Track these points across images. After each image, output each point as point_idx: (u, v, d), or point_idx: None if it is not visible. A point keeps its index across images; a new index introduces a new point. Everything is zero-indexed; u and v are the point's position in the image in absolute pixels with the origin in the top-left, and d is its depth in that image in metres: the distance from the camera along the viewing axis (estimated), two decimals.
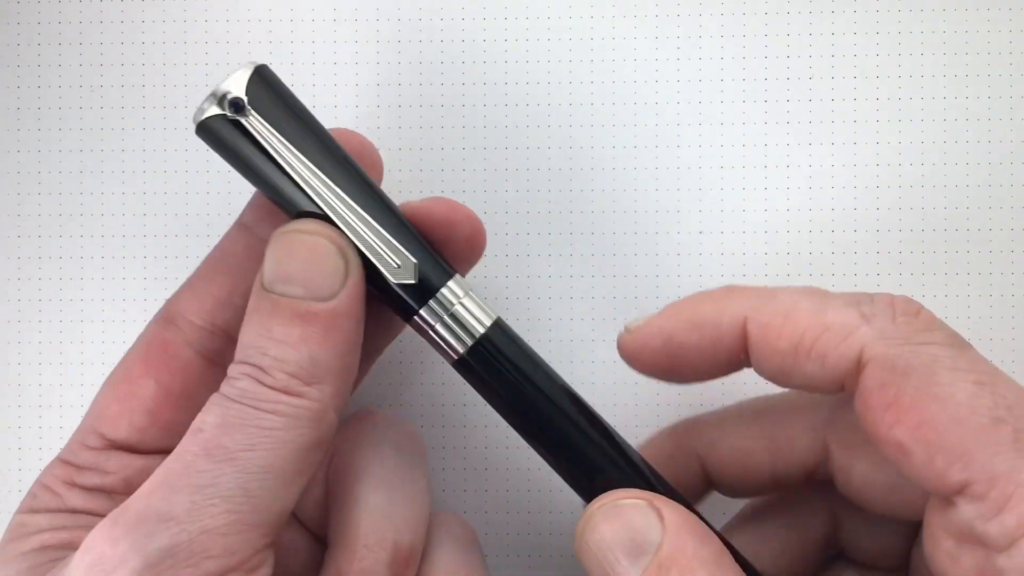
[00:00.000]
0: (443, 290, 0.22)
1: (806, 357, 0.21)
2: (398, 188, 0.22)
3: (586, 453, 0.23)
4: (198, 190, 0.31)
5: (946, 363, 0.20)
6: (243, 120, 0.22)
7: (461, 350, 0.22)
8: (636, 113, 0.31)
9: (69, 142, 0.31)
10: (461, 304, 0.22)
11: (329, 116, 0.31)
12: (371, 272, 0.22)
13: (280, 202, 0.22)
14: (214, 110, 0.22)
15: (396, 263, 0.22)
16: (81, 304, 0.31)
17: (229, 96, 0.22)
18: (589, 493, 0.23)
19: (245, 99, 0.22)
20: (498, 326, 0.23)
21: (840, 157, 0.31)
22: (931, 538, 0.21)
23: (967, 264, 0.30)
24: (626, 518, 0.21)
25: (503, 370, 0.23)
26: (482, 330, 0.23)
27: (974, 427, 0.19)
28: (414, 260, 0.22)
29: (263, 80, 0.22)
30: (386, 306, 0.23)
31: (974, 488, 0.19)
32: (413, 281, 0.22)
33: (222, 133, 0.22)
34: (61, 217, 0.31)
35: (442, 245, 0.23)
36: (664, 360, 0.23)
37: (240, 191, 0.31)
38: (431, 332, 0.23)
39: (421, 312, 0.22)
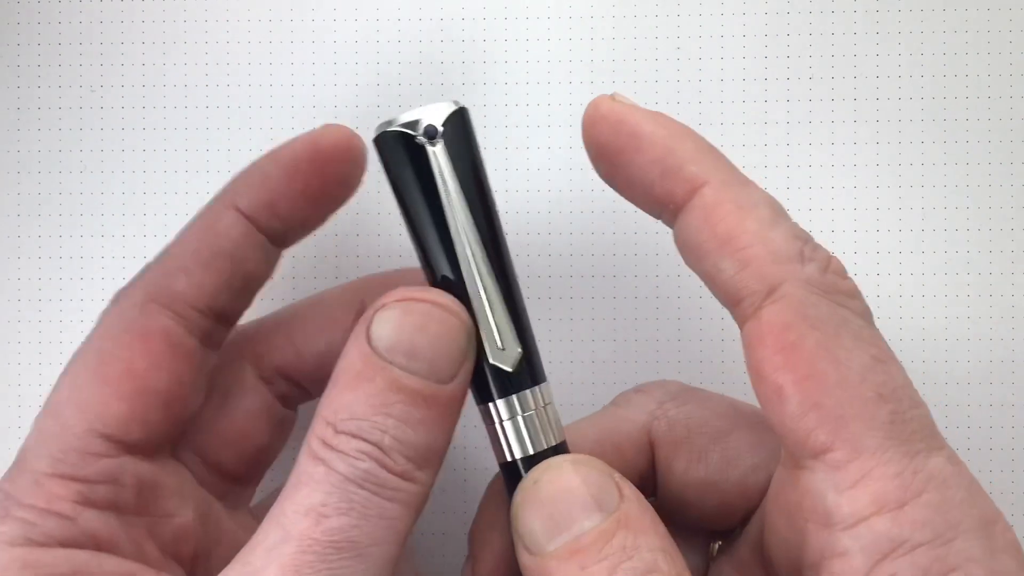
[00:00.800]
0: (530, 391, 0.21)
1: (730, 252, 0.20)
2: None
3: None
4: (198, 190, 0.31)
5: (853, 329, 0.19)
6: (428, 147, 0.21)
7: (518, 455, 0.21)
8: None
9: (69, 142, 0.31)
10: (539, 411, 0.21)
11: (329, 116, 0.31)
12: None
13: (420, 234, 0.21)
14: (402, 128, 0.21)
15: (501, 345, 0.21)
16: (81, 304, 0.31)
17: (425, 122, 0.21)
18: None
19: (440, 129, 0.21)
20: (562, 448, 0.22)
21: (840, 157, 0.31)
22: (773, 520, 0.21)
23: (967, 264, 0.30)
24: (592, 474, 0.20)
25: None
26: (546, 445, 0.21)
27: (857, 397, 0.19)
28: (519, 350, 0.21)
29: (461, 121, 0.22)
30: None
31: (835, 455, 0.18)
32: (508, 369, 0.21)
33: (396, 152, 0.21)
34: (61, 217, 0.31)
35: None
36: (611, 149, 0.22)
37: None
38: (498, 424, 0.21)
39: (499, 402, 0.21)
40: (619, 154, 0.21)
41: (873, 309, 0.31)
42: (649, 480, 0.24)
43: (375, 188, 0.24)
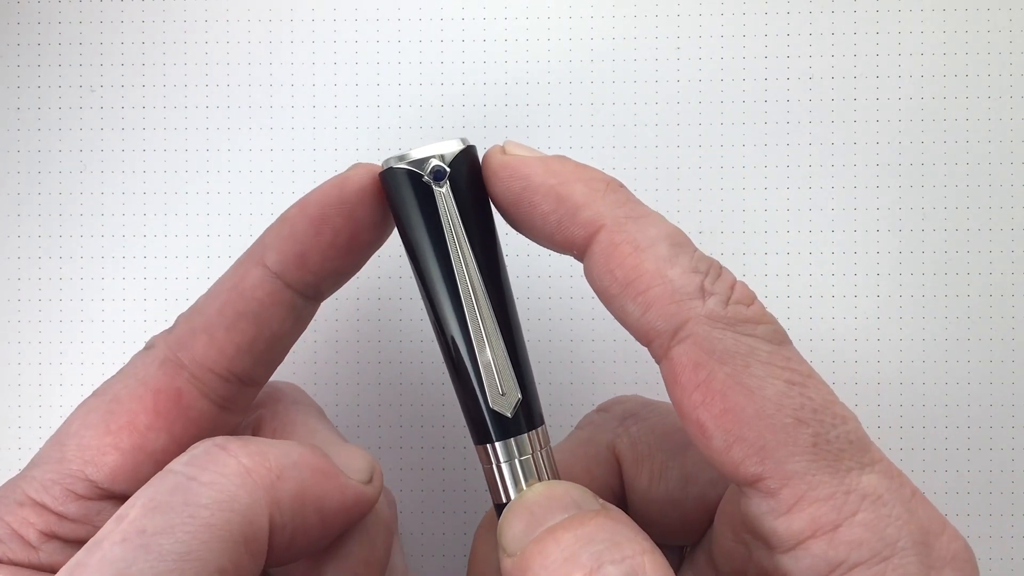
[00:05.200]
0: (527, 435, 0.21)
1: (632, 296, 0.20)
2: None
3: None
4: (198, 190, 0.31)
5: (762, 357, 0.19)
6: (435, 187, 0.21)
7: (514, 497, 0.21)
8: (636, 113, 0.31)
9: (69, 142, 0.31)
10: (535, 455, 0.22)
11: (329, 116, 0.31)
12: (473, 384, 0.21)
13: (423, 274, 0.22)
14: (409, 167, 0.21)
15: (502, 390, 0.21)
16: (81, 304, 0.31)
17: (433, 163, 0.21)
18: None
19: (447, 171, 0.21)
20: None
21: (840, 157, 0.31)
22: (720, 532, 0.21)
23: (967, 264, 0.30)
24: (577, 489, 0.21)
25: None
26: None
27: (776, 424, 0.19)
28: (519, 395, 0.21)
29: (468, 161, 0.22)
30: (468, 425, 0.22)
31: (767, 483, 0.19)
32: (508, 415, 0.21)
33: (403, 189, 0.21)
34: (61, 217, 0.31)
35: None
36: (507, 203, 0.22)
37: (240, 191, 0.31)
38: (494, 466, 0.22)
39: (496, 444, 0.21)
40: (516, 207, 0.22)
41: (873, 309, 0.31)
42: (622, 501, 0.25)
43: None
